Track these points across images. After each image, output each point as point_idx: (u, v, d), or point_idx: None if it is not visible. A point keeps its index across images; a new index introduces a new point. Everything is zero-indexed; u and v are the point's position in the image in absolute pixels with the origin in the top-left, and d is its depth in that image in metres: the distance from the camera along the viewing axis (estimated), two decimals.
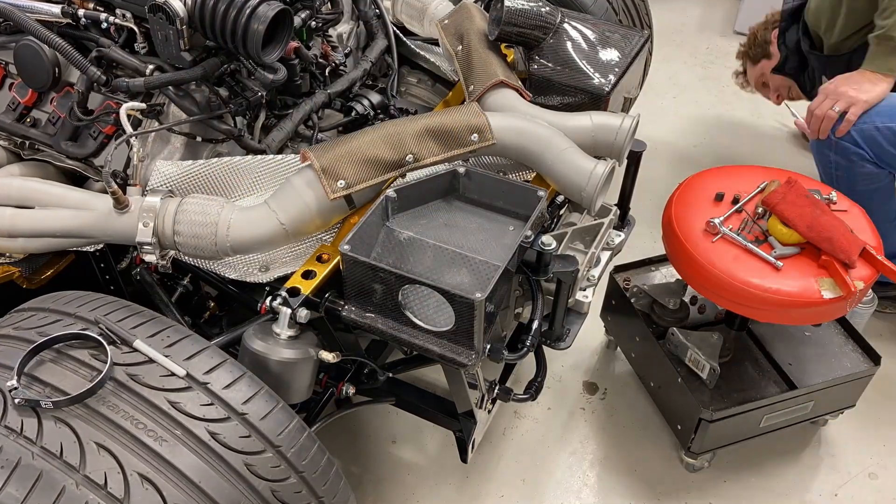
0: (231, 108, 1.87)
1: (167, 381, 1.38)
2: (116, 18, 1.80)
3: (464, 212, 1.81)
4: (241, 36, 1.70)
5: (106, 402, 1.33)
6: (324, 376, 1.94)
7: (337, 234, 1.83)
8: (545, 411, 2.69)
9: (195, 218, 1.68)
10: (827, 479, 2.51)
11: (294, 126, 1.99)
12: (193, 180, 1.82)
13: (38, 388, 1.34)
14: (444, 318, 1.60)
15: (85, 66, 1.79)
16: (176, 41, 1.73)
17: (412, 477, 2.48)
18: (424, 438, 2.58)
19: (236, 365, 1.47)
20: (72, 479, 1.24)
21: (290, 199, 1.72)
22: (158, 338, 1.45)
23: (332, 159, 1.73)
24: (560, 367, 2.80)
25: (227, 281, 1.87)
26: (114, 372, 1.36)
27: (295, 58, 1.98)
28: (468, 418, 2.00)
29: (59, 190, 1.78)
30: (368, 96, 2.16)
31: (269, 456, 1.41)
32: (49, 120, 1.96)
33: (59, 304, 1.54)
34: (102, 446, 1.28)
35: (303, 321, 1.62)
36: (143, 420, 1.33)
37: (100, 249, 1.94)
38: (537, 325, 1.75)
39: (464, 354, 1.59)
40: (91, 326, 1.44)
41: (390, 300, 1.60)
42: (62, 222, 1.74)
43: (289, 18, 1.79)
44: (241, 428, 1.39)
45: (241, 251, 1.73)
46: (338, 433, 2.55)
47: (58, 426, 1.29)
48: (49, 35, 1.80)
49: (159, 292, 1.90)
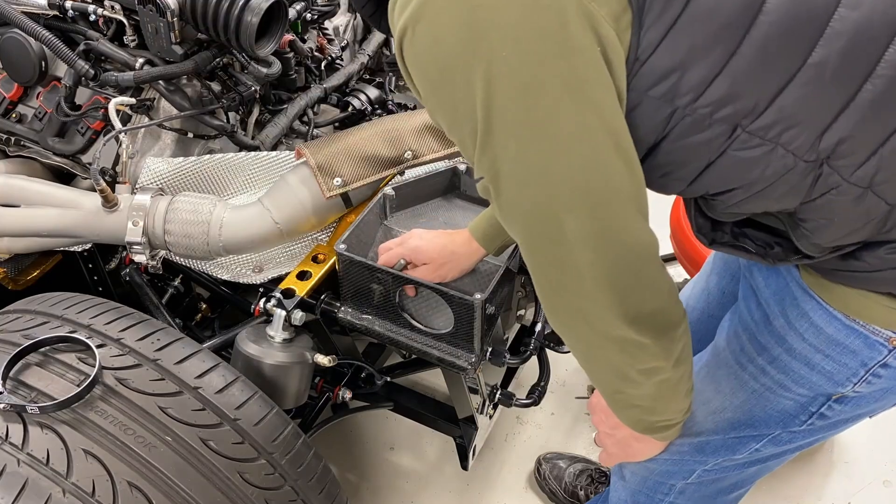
0: (224, 103, 1.87)
1: (157, 386, 1.38)
2: (105, 10, 1.79)
3: (464, 210, 1.81)
4: (234, 28, 1.69)
5: (94, 408, 1.32)
6: (319, 380, 1.94)
7: (333, 233, 1.83)
8: (548, 416, 2.67)
9: (186, 217, 1.68)
10: (840, 486, 2.49)
11: (289, 122, 1.98)
12: (185, 178, 1.82)
13: (23, 393, 1.33)
14: (443, 320, 1.60)
15: (72, 60, 1.78)
16: (167, 34, 1.72)
17: (411, 485, 2.47)
18: (424, 445, 2.57)
19: (229, 369, 1.47)
20: (59, 486, 1.22)
21: (284, 198, 1.72)
22: (148, 340, 1.45)
23: (328, 156, 1.73)
24: (564, 371, 2.78)
25: (220, 282, 1.89)
26: (102, 376, 1.36)
27: (290, 51, 1.98)
28: (469, 424, 1.99)
29: (46, 188, 1.78)
30: (366, 91, 2.15)
31: (262, 463, 1.40)
32: (35, 115, 1.94)
33: (45, 306, 1.54)
34: (90, 453, 1.27)
35: (298, 323, 1.62)
36: (132, 426, 1.32)
37: (88, 249, 1.94)
38: (540, 327, 1.76)
39: (463, 358, 1.58)
40: (79, 329, 1.44)
41: (388, 301, 1.60)
42: (49, 221, 1.74)
43: (283, 10, 1.77)
44: (234, 434, 1.38)
45: (233, 251, 1.73)
46: (334, 439, 2.53)
47: (44, 432, 1.28)
48: (35, 27, 1.78)
49: (149, 293, 1.90)
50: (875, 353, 1.20)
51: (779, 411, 1.33)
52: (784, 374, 1.29)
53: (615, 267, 1.02)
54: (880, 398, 1.27)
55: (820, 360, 1.24)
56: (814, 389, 1.28)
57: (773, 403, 1.33)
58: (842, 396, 1.27)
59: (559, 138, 0.95)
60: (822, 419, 1.31)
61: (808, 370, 1.26)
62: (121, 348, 1.41)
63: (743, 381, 1.36)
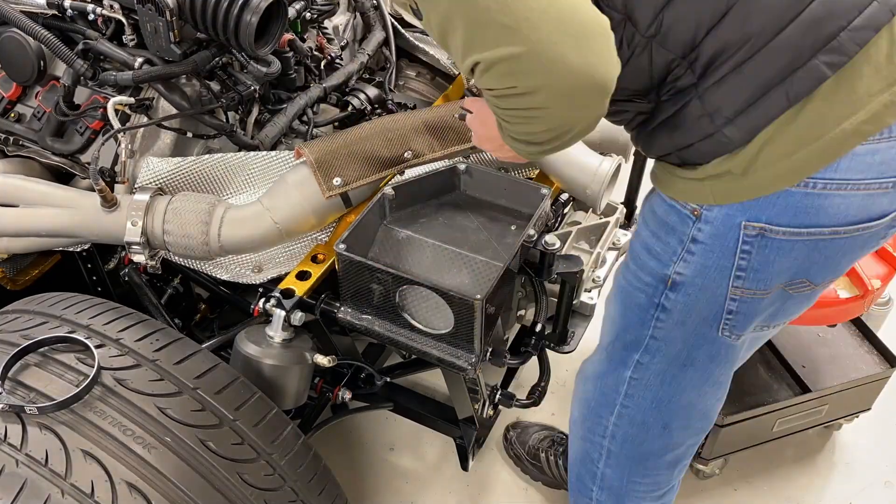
0: (223, 102, 1.86)
1: (157, 387, 1.37)
2: (104, 9, 1.78)
3: (464, 210, 1.79)
4: (233, 28, 1.68)
5: (93, 408, 1.32)
6: (319, 381, 1.93)
7: (332, 233, 1.82)
8: (549, 417, 2.66)
9: (185, 216, 1.68)
10: (841, 486, 2.50)
11: (288, 121, 1.97)
12: (184, 177, 1.81)
13: (22, 393, 1.33)
14: (443, 320, 1.58)
15: (71, 59, 1.77)
16: (166, 33, 1.71)
17: (410, 485, 2.46)
18: (423, 445, 2.57)
19: (228, 369, 1.47)
20: (58, 487, 1.22)
21: (284, 197, 1.71)
22: (147, 341, 1.45)
23: (328, 156, 1.73)
24: (564, 372, 2.78)
25: (219, 282, 1.88)
26: (101, 376, 1.35)
27: (289, 50, 1.97)
28: (469, 424, 1.99)
29: (45, 188, 1.77)
30: (365, 90, 2.14)
31: (261, 464, 1.40)
32: (34, 115, 1.94)
33: (44, 307, 1.54)
34: (89, 454, 1.27)
35: (297, 324, 1.61)
36: (131, 426, 1.32)
37: (87, 249, 1.93)
38: (541, 327, 1.74)
39: (463, 358, 1.57)
40: (78, 329, 1.44)
41: (388, 301, 1.59)
42: (47, 221, 1.73)
43: (283, 9, 1.77)
44: (233, 435, 1.38)
45: (233, 251, 1.72)
46: (333, 440, 2.53)
47: (43, 433, 1.28)
48: (34, 27, 1.78)
49: (148, 294, 1.89)
50: (685, 227, 1.37)
51: (638, 306, 1.52)
52: (636, 263, 1.51)
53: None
54: (702, 286, 1.41)
55: (654, 242, 1.45)
56: (652, 274, 1.46)
57: (633, 299, 1.53)
58: (672, 282, 1.43)
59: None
60: (666, 314, 1.48)
61: (647, 255, 1.47)
62: (120, 348, 1.41)
63: (619, 284, 1.59)
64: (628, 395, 1.65)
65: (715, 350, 1.51)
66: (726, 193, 1.30)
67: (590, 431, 1.79)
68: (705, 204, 1.33)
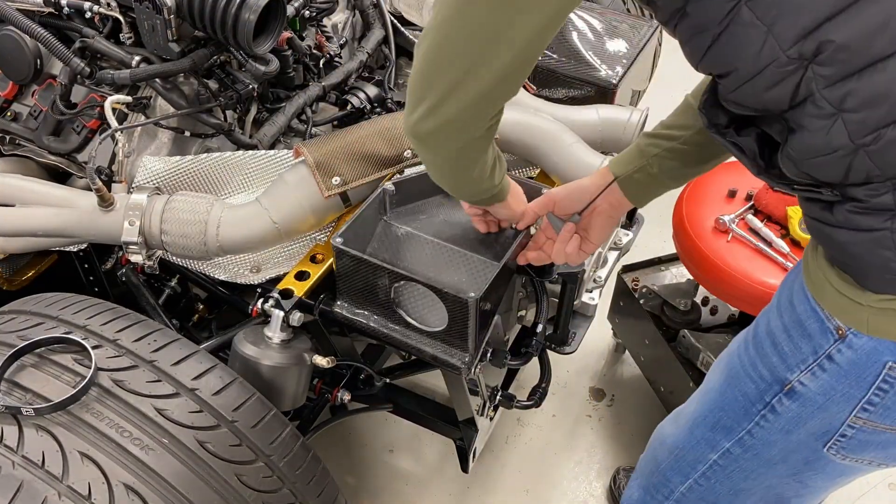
0: (221, 101, 1.85)
1: (154, 388, 1.37)
2: (101, 7, 1.78)
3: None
4: (231, 26, 1.68)
5: (90, 410, 1.32)
6: (318, 382, 1.92)
7: (331, 232, 1.81)
8: (550, 419, 2.67)
9: (183, 216, 1.67)
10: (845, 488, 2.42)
11: (287, 120, 1.97)
12: (182, 177, 1.81)
13: (18, 395, 1.33)
14: (438, 317, 1.58)
15: (68, 58, 1.77)
16: (163, 31, 1.72)
17: (410, 487, 2.46)
18: (423, 447, 2.57)
19: (226, 370, 1.46)
20: (54, 489, 1.22)
21: (282, 197, 1.71)
22: (145, 341, 1.45)
23: (327, 155, 1.73)
24: (565, 373, 2.78)
25: (217, 282, 1.89)
26: (98, 377, 1.35)
27: (288, 49, 1.96)
28: (469, 426, 1.98)
29: (41, 187, 1.77)
30: (365, 89, 2.14)
31: (260, 466, 1.40)
32: (30, 114, 1.94)
33: (40, 307, 1.53)
34: (86, 455, 1.27)
35: (296, 324, 1.61)
36: (128, 428, 1.31)
37: (83, 249, 1.93)
38: (541, 328, 1.73)
39: (457, 357, 1.57)
40: (74, 330, 1.44)
41: (383, 297, 1.59)
42: (44, 221, 1.73)
43: (281, 7, 1.77)
44: (231, 436, 1.38)
45: (231, 251, 1.72)
46: (332, 442, 2.53)
47: (39, 434, 1.27)
48: (30, 25, 1.78)
49: (146, 294, 1.89)
50: (824, 341, 1.25)
51: (744, 395, 1.41)
52: (757, 350, 1.38)
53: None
54: (822, 406, 1.29)
55: (783, 339, 1.32)
56: (772, 371, 1.34)
57: (742, 385, 1.41)
58: (791, 389, 1.32)
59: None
60: (774, 416, 1.37)
61: (772, 348, 1.34)
62: (117, 349, 1.41)
63: (731, 361, 1.47)
64: (706, 476, 1.55)
65: (814, 458, 1.40)
66: (885, 329, 1.18)
67: (654, 488, 1.69)
68: (856, 329, 1.21)
